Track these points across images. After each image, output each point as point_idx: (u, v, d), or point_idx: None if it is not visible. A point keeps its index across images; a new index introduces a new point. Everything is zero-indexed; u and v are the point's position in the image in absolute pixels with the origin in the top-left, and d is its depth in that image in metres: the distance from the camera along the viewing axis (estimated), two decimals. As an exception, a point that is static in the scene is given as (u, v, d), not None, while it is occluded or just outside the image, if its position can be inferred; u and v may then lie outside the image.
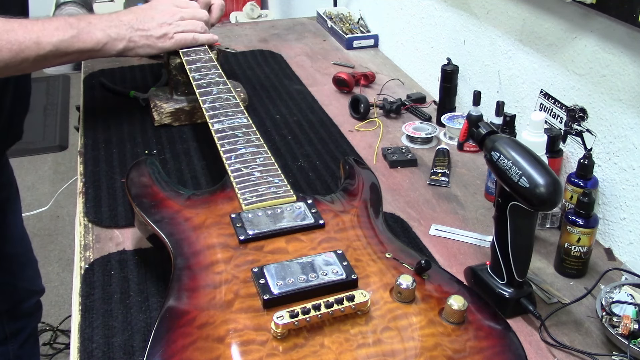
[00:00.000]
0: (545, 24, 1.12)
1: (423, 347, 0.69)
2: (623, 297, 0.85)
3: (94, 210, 1.07)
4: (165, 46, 1.22)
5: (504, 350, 0.70)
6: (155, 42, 1.20)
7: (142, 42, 1.19)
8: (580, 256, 0.93)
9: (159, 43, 1.20)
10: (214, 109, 1.07)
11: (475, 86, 1.36)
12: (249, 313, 0.71)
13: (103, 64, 1.65)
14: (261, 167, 0.94)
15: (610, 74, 0.99)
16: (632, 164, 0.97)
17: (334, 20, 1.95)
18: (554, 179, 0.76)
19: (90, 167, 1.19)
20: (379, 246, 0.83)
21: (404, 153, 1.24)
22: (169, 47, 1.23)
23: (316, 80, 1.60)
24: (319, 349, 0.67)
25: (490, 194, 1.11)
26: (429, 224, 1.06)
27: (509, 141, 0.81)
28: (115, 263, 0.95)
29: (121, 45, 1.17)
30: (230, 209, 0.87)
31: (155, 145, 1.26)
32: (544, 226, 1.05)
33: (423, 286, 0.76)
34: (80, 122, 1.37)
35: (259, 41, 1.88)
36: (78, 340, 0.82)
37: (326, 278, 0.75)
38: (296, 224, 0.84)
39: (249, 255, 0.80)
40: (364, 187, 0.96)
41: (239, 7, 3.34)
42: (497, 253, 0.84)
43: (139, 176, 0.96)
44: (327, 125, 1.36)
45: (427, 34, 1.56)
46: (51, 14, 3.63)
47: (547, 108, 1.12)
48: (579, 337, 0.84)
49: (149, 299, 0.87)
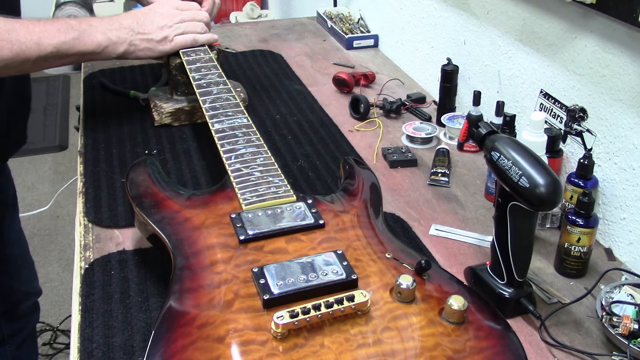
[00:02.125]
0: (545, 24, 1.12)
1: (423, 347, 0.69)
2: (623, 297, 0.85)
3: (94, 210, 1.07)
4: (165, 49, 1.23)
5: (504, 350, 0.70)
6: (156, 45, 1.21)
7: (142, 46, 1.19)
8: (580, 256, 0.93)
9: (159, 46, 1.21)
10: (214, 109, 1.07)
11: (475, 86, 1.36)
12: (249, 313, 0.71)
13: (103, 64, 1.65)
14: (261, 167, 0.94)
15: (610, 74, 0.99)
16: (632, 164, 0.97)
17: (334, 20, 1.95)
18: (554, 179, 0.76)
19: (90, 167, 1.19)
20: (379, 246, 0.83)
21: (404, 153, 1.24)
22: (169, 50, 1.23)
23: (316, 80, 1.60)
24: (319, 349, 0.67)
25: (490, 194, 1.11)
26: (429, 224, 1.06)
27: (509, 141, 0.81)
28: (115, 263, 0.95)
29: (122, 48, 1.17)
30: (230, 209, 0.87)
31: (155, 145, 1.26)
32: (544, 226, 1.05)
33: (423, 286, 0.76)
34: (80, 122, 1.37)
35: (259, 41, 1.88)
36: (78, 340, 0.82)
37: (326, 278, 0.75)
38: (296, 224, 0.84)
39: (249, 255, 0.80)
40: (364, 187, 0.96)
41: (239, 7, 3.34)
42: (497, 253, 0.84)
43: (139, 176, 0.96)
44: (327, 125, 1.36)
45: (427, 34, 1.56)
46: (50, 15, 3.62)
47: (547, 108, 1.12)
48: (579, 337, 0.84)
49: (149, 299, 0.87)
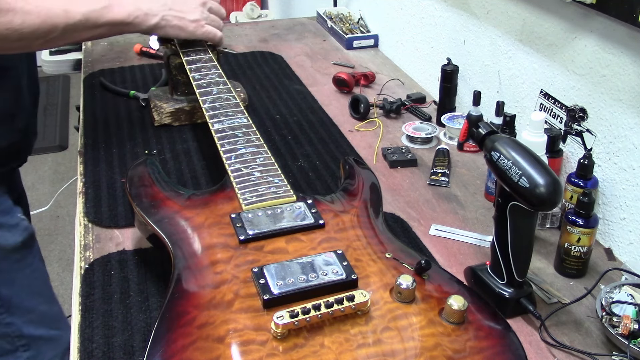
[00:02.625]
0: (545, 24, 1.12)
1: (423, 347, 0.69)
2: (623, 297, 0.85)
3: (94, 210, 1.07)
4: (196, 33, 1.21)
5: (504, 350, 0.70)
6: (188, 25, 1.19)
7: (174, 23, 1.17)
8: (580, 256, 0.93)
9: (191, 27, 1.19)
10: (214, 109, 1.07)
11: (475, 86, 1.36)
12: (249, 313, 0.71)
13: (103, 64, 1.66)
14: (261, 167, 0.94)
15: (610, 74, 0.99)
16: (632, 164, 0.97)
17: (334, 20, 1.95)
18: (554, 179, 0.76)
19: (90, 167, 1.19)
20: (379, 246, 0.83)
21: (404, 153, 1.24)
22: (200, 34, 1.21)
23: (316, 80, 1.60)
24: (319, 349, 0.67)
25: (490, 194, 1.11)
26: (429, 224, 1.06)
27: (508, 141, 0.81)
28: (115, 263, 0.95)
29: (153, 20, 1.14)
30: (230, 209, 0.87)
31: (155, 145, 1.26)
32: (544, 226, 1.05)
33: (423, 286, 0.76)
34: (80, 122, 1.37)
35: (259, 41, 1.88)
36: (78, 340, 0.82)
37: (326, 278, 0.75)
38: (296, 224, 0.84)
39: (249, 255, 0.80)
40: (364, 187, 0.96)
41: (239, 7, 3.34)
42: (497, 253, 0.84)
43: (139, 176, 0.96)
44: (327, 125, 1.36)
45: (427, 34, 1.56)
46: None
47: (547, 108, 1.12)
48: (579, 337, 0.84)
49: (149, 299, 0.87)
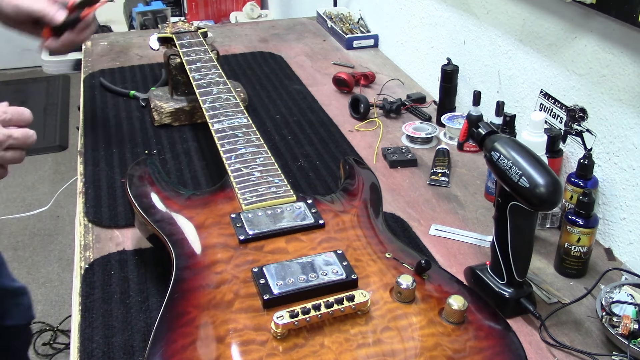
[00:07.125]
0: (545, 24, 1.12)
1: (423, 347, 0.69)
2: (623, 297, 0.85)
3: (94, 210, 1.07)
4: None
5: (504, 350, 0.70)
6: None
7: None
8: (580, 256, 0.93)
9: None
10: (214, 109, 1.07)
11: (475, 86, 1.36)
12: (249, 313, 0.71)
13: (103, 64, 1.66)
14: (261, 167, 0.94)
15: (610, 74, 0.99)
16: (632, 164, 0.97)
17: (334, 20, 1.95)
18: (554, 179, 0.76)
19: (90, 167, 1.19)
20: (379, 246, 0.83)
21: (404, 153, 1.24)
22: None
23: (316, 80, 1.60)
24: (319, 349, 0.67)
25: (490, 194, 1.11)
26: (429, 224, 1.06)
27: (508, 141, 0.81)
28: (115, 263, 0.95)
29: None
30: (230, 209, 0.87)
31: (155, 145, 1.26)
32: (544, 226, 1.05)
33: (423, 286, 0.76)
34: (80, 122, 1.37)
35: (259, 41, 1.88)
36: (78, 340, 0.81)
37: (326, 278, 0.75)
38: (296, 224, 0.84)
39: (249, 255, 0.80)
40: (364, 187, 0.96)
41: (239, 7, 3.33)
42: (497, 253, 0.84)
43: (139, 176, 0.96)
44: (327, 125, 1.36)
45: (427, 34, 1.56)
46: None
47: (547, 108, 1.12)
48: (579, 337, 0.84)
49: (149, 299, 0.87)
